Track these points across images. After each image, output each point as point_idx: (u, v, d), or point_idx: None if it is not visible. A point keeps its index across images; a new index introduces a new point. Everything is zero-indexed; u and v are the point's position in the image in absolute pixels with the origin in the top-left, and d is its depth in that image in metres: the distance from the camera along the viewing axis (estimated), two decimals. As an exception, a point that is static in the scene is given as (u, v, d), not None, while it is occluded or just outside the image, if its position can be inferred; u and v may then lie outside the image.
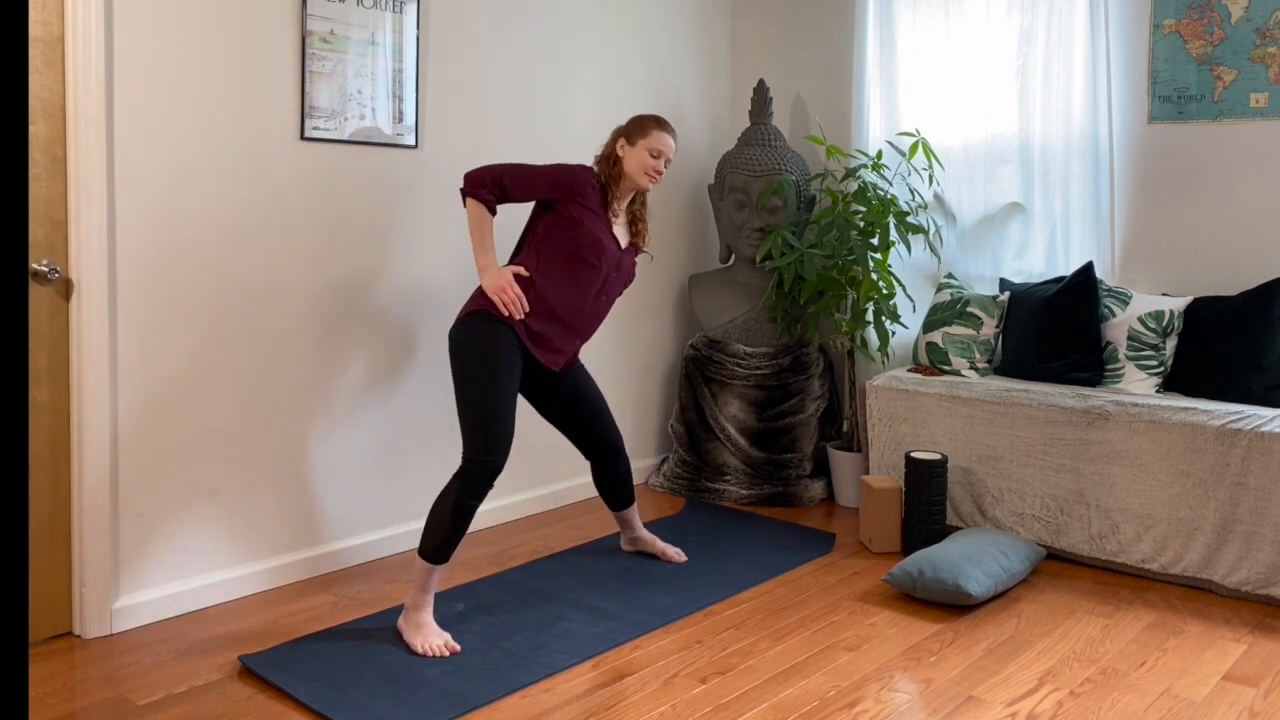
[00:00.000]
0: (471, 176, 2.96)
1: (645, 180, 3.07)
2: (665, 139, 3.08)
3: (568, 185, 2.98)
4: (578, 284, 2.99)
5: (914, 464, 3.54)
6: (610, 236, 3.06)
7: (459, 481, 2.83)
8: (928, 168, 4.15)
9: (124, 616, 2.90)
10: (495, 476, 2.85)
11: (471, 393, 2.88)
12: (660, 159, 3.08)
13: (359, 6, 3.30)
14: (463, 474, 2.83)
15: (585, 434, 3.28)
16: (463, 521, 2.82)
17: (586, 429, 3.27)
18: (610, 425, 3.31)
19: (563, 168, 3.01)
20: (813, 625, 2.99)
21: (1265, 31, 3.51)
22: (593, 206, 3.01)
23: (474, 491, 2.83)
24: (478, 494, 2.83)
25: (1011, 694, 2.58)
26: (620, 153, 3.08)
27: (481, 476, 2.83)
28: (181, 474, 3.01)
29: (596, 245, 2.99)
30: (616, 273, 3.09)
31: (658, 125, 3.09)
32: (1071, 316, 3.62)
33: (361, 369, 3.43)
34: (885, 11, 4.28)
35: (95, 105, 2.76)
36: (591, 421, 3.27)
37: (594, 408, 3.26)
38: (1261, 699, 2.57)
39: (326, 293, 3.32)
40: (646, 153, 3.06)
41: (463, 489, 2.82)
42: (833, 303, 4.07)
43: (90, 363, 2.80)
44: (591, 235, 2.98)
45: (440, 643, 2.76)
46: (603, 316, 3.14)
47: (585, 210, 3.00)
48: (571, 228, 2.98)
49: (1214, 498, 3.18)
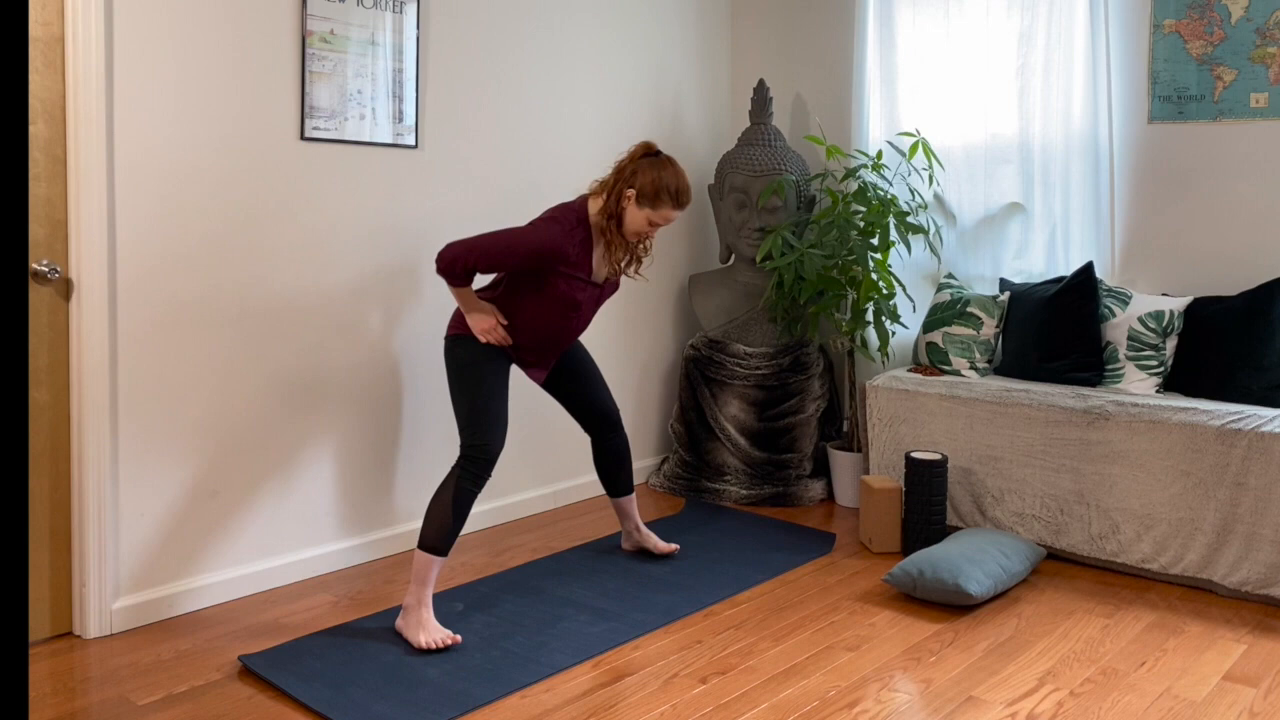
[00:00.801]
0: (442, 262, 2.84)
1: (634, 243, 3.01)
2: (672, 216, 2.97)
3: (546, 256, 2.85)
4: (557, 320, 2.99)
5: (914, 464, 3.54)
6: (589, 286, 2.98)
7: (458, 468, 2.87)
8: (928, 168, 4.15)
9: (124, 616, 2.90)
10: (494, 460, 2.89)
11: (464, 386, 2.93)
12: (656, 229, 2.99)
13: (359, 6, 3.30)
14: (462, 461, 2.87)
15: (583, 404, 3.32)
16: (463, 509, 2.84)
17: (584, 399, 3.31)
18: (607, 397, 3.34)
19: (539, 235, 2.84)
20: (813, 625, 2.99)
21: (1265, 31, 3.51)
22: (572, 267, 2.90)
23: (474, 476, 2.86)
24: (477, 479, 2.87)
25: (1011, 694, 2.58)
26: (625, 204, 2.94)
27: (481, 459, 2.87)
28: (181, 474, 3.01)
29: (573, 303, 2.96)
30: (595, 305, 3.08)
31: (675, 205, 2.95)
32: (1071, 316, 3.62)
33: (361, 368, 3.43)
34: (885, 11, 4.28)
35: (95, 105, 2.76)
36: (589, 392, 3.30)
37: (590, 379, 3.30)
38: (1261, 699, 2.57)
39: (326, 292, 3.32)
40: (649, 220, 2.94)
41: (463, 474, 2.85)
42: (833, 303, 4.07)
43: (90, 363, 2.80)
44: (568, 298, 2.94)
45: (441, 637, 2.76)
46: (586, 327, 3.15)
47: (562, 276, 2.90)
48: (547, 287, 2.92)
49: (1214, 498, 3.18)
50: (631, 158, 2.98)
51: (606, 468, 3.43)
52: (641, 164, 2.95)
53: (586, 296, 3.00)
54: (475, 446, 2.88)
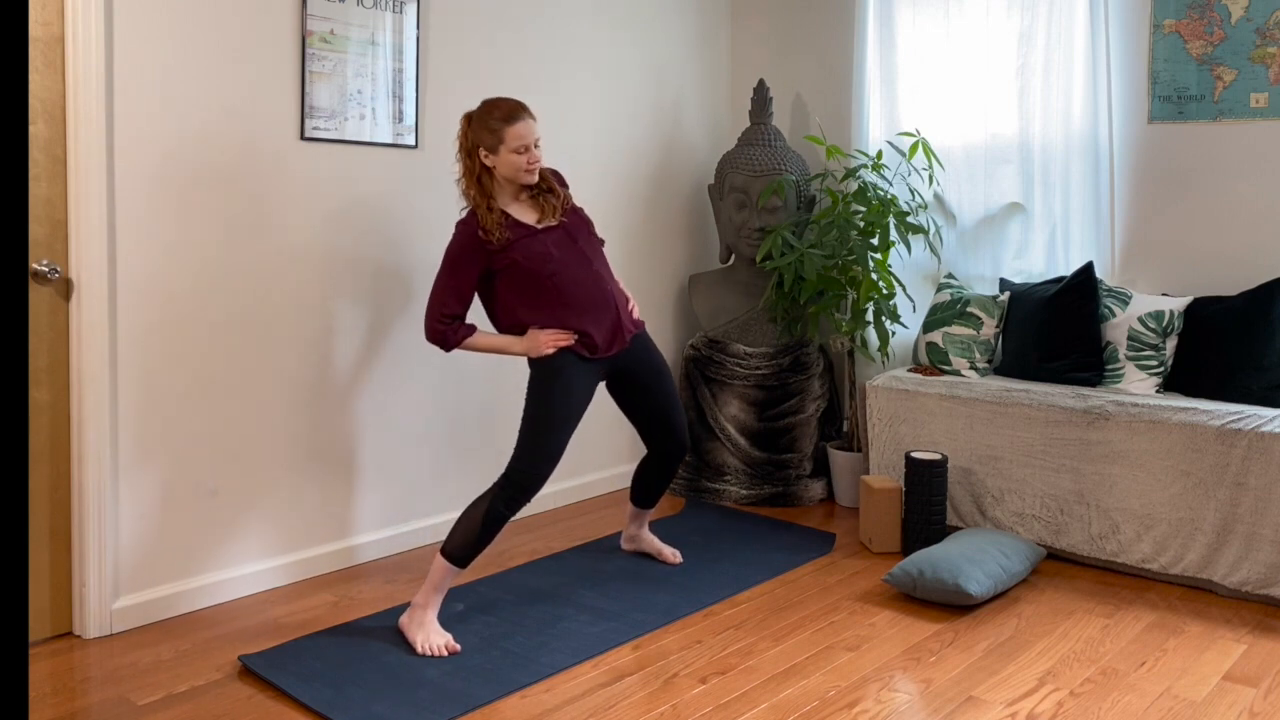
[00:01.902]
0: (431, 334, 2.87)
1: (527, 178, 2.90)
2: (523, 130, 2.84)
3: (471, 247, 2.85)
4: (565, 285, 2.93)
5: (914, 464, 3.54)
6: (539, 233, 2.92)
7: (498, 488, 2.83)
8: (928, 168, 4.15)
9: (124, 616, 2.90)
10: (535, 490, 2.84)
11: (532, 408, 2.90)
12: (529, 151, 2.86)
13: (359, 6, 3.30)
14: (504, 480, 2.84)
15: (650, 417, 3.19)
16: (492, 530, 2.82)
17: (660, 417, 3.19)
18: (679, 416, 3.23)
19: (452, 242, 2.88)
20: (813, 625, 2.99)
21: (1265, 31, 3.51)
22: (502, 238, 2.86)
23: (510, 500, 2.82)
24: (512, 504, 2.82)
25: (1011, 694, 2.58)
26: (488, 162, 2.88)
27: (521, 485, 2.83)
28: (181, 474, 3.01)
29: (540, 256, 2.90)
30: (575, 244, 2.97)
31: (507, 121, 2.84)
32: (1071, 316, 3.62)
33: (362, 369, 3.43)
34: (885, 11, 4.28)
35: (95, 105, 2.76)
36: (665, 410, 3.18)
37: (667, 395, 3.18)
38: (1261, 699, 2.57)
39: (326, 293, 3.32)
40: (513, 154, 2.86)
41: (499, 495, 2.81)
42: (833, 303, 4.07)
43: (90, 363, 2.80)
44: (530, 255, 2.88)
45: (441, 643, 2.76)
46: (608, 276, 3.04)
47: (501, 251, 2.87)
48: (511, 270, 2.89)
49: (1214, 498, 3.18)
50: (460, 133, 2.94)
51: (649, 483, 3.35)
52: (462, 127, 2.93)
53: (551, 241, 2.91)
54: (520, 473, 2.83)
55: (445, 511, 3.70)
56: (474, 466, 3.80)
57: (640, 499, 3.42)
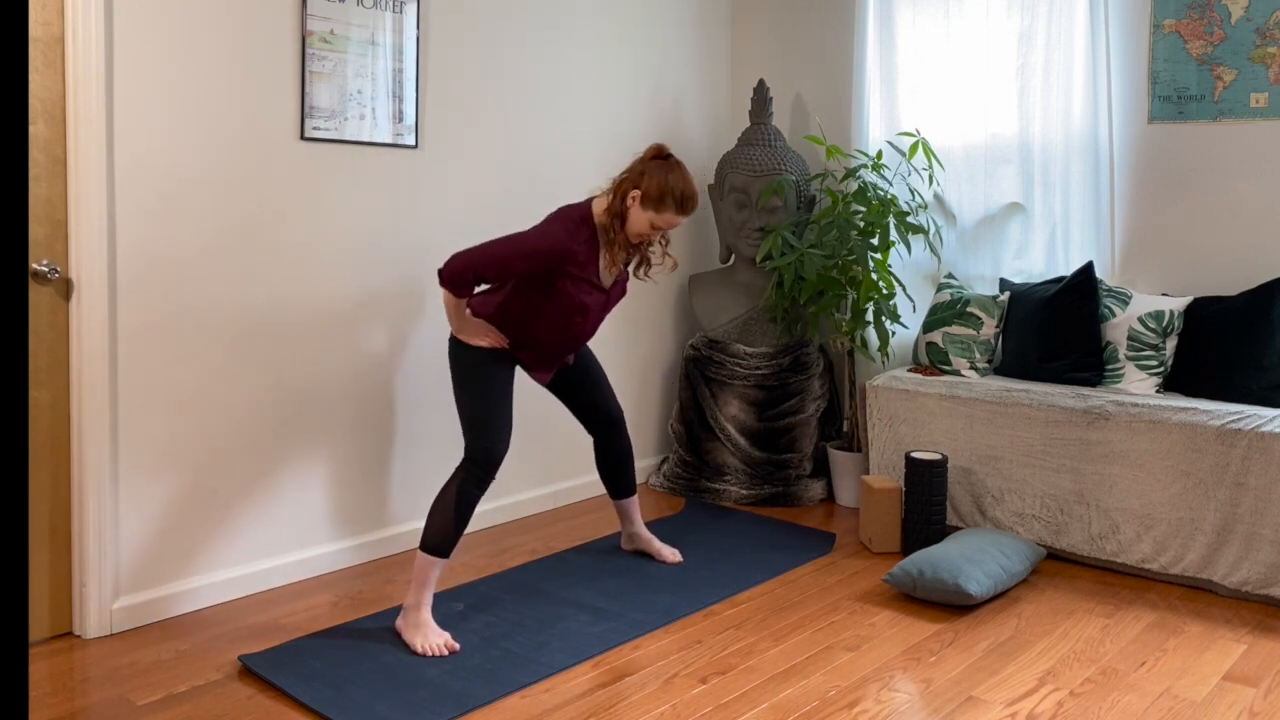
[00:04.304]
0: (449, 272, 2.83)
1: (636, 241, 2.96)
2: (677, 222, 2.94)
3: (553, 258, 2.84)
4: (564, 325, 2.97)
5: (914, 464, 3.54)
6: (595, 290, 2.95)
7: (462, 471, 2.86)
8: (928, 168, 4.15)
9: (124, 616, 2.90)
10: (497, 464, 2.88)
11: (467, 389, 2.93)
12: (659, 233, 2.97)
13: (359, 6, 3.30)
14: (465, 464, 2.87)
15: (586, 406, 3.32)
16: (465, 511, 2.84)
17: (587, 400, 3.30)
18: (611, 398, 3.34)
19: (544, 238, 2.84)
20: (813, 625, 2.99)
21: (1265, 31, 3.51)
22: (579, 270, 2.88)
23: (477, 480, 2.85)
24: (481, 482, 2.86)
25: (1011, 694, 2.58)
26: (629, 204, 2.90)
27: (484, 462, 2.86)
28: (181, 473, 3.01)
29: (581, 308, 2.94)
30: (605, 308, 3.05)
31: (679, 210, 2.91)
32: (1071, 316, 3.62)
33: (361, 368, 3.43)
34: (885, 11, 4.28)
35: (95, 105, 2.76)
36: (592, 393, 3.30)
37: (593, 380, 3.29)
38: (1261, 699, 2.57)
39: (326, 292, 3.32)
40: (651, 224, 2.91)
41: (466, 477, 2.85)
42: (833, 303, 4.07)
43: (90, 363, 2.80)
44: (575, 302, 2.91)
45: (440, 642, 2.76)
46: (593, 333, 3.11)
47: (570, 278, 2.88)
48: (553, 293, 2.90)
49: (1214, 498, 3.18)
50: (642, 160, 2.96)
51: (608, 469, 3.43)
52: (650, 165, 2.93)
53: (593, 301, 2.98)
54: (478, 449, 2.87)
55: (445, 511, 3.71)
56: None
57: (613, 489, 3.46)
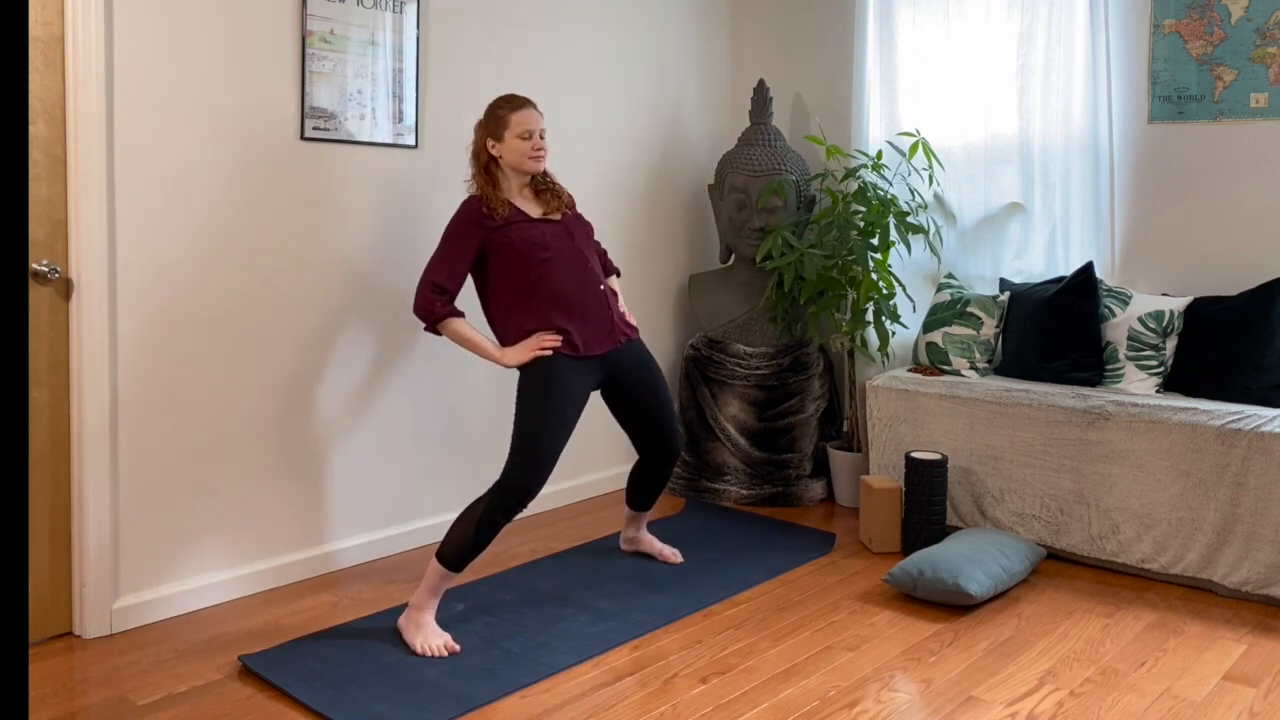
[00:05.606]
0: (418, 305, 2.90)
1: (532, 165, 2.99)
2: (527, 117, 2.98)
3: (471, 220, 2.94)
4: (554, 277, 2.96)
5: (914, 464, 3.54)
6: (539, 223, 3.00)
7: (493, 495, 2.81)
8: (928, 168, 4.15)
9: (124, 616, 2.90)
10: (529, 498, 2.83)
11: (524, 414, 2.89)
12: (533, 138, 2.98)
13: (359, 6, 3.30)
14: (499, 489, 2.81)
15: (645, 426, 3.19)
16: (486, 536, 2.80)
17: (646, 421, 3.18)
18: (673, 427, 3.22)
19: (455, 218, 2.97)
20: (813, 625, 2.99)
21: (1265, 31, 3.51)
22: (503, 218, 2.95)
23: (505, 508, 2.80)
24: (508, 511, 2.81)
25: (1011, 694, 2.58)
26: (495, 152, 3.00)
27: (516, 494, 2.81)
28: (181, 474, 3.01)
29: (535, 244, 2.95)
30: (571, 240, 3.03)
31: (512, 108, 2.98)
32: (1071, 316, 3.62)
33: (361, 369, 3.43)
34: (885, 11, 4.28)
35: (95, 105, 2.76)
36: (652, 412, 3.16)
37: (660, 401, 3.17)
38: (1261, 699, 2.57)
39: (326, 293, 3.32)
40: (518, 140, 2.97)
41: (494, 503, 2.80)
42: (833, 303, 4.07)
43: (90, 363, 2.80)
44: (525, 239, 2.95)
45: (440, 643, 2.75)
46: (599, 277, 3.07)
47: (500, 229, 2.94)
48: (505, 251, 2.94)
49: (1214, 498, 3.18)
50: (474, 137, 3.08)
51: (641, 488, 3.36)
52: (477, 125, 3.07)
53: (548, 233, 2.98)
54: (517, 484, 2.81)
55: (444, 511, 3.71)
56: (473, 467, 3.80)
57: (635, 502, 3.42)
